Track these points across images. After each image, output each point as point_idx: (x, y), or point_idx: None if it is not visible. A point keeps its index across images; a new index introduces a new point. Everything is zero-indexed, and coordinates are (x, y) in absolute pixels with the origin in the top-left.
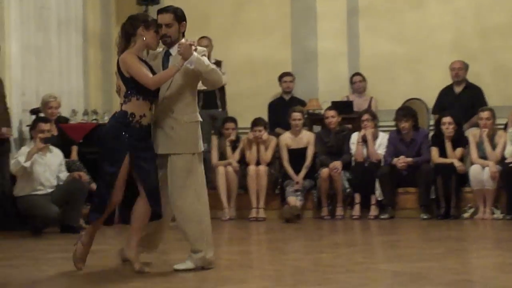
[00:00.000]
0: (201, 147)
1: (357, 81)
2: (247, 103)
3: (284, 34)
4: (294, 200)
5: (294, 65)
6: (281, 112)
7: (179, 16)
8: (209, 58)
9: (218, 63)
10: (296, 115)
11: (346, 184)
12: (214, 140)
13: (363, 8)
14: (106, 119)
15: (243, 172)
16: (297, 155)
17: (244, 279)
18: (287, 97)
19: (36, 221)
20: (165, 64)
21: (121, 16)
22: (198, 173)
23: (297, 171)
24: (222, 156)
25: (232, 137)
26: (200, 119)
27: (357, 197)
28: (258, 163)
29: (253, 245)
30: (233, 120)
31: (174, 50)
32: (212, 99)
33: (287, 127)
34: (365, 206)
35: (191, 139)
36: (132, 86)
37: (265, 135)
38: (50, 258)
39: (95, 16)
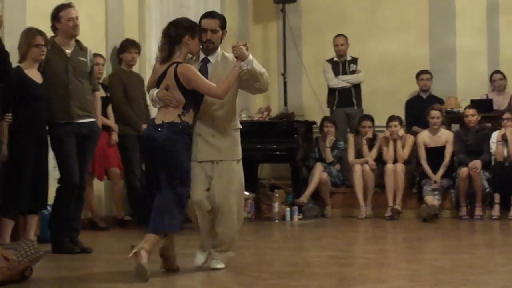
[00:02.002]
0: (241, 154)
1: (497, 79)
2: (383, 101)
3: (422, 31)
4: (432, 199)
5: (432, 62)
6: (418, 110)
7: (224, 23)
8: (345, 55)
9: (354, 61)
10: (435, 113)
11: (486, 184)
12: (351, 138)
13: (504, 4)
14: (243, 116)
15: (380, 170)
16: (435, 154)
17: (382, 278)
18: (424, 95)
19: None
20: (203, 72)
21: (258, 15)
22: (241, 179)
23: (434, 170)
24: (359, 154)
25: (369, 135)
26: (240, 126)
27: (497, 197)
28: (395, 161)
29: (390, 244)
30: (370, 118)
31: (213, 58)
32: (348, 97)
33: (424, 125)
34: (505, 206)
35: (234, 146)
36: (191, 98)
37: (401, 131)
38: (189, 254)
39: (232, 14)
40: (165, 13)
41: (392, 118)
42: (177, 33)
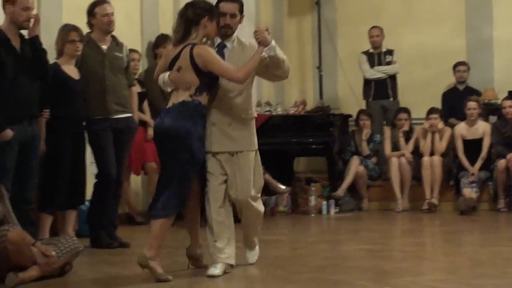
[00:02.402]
0: (257, 144)
1: None
2: (419, 93)
3: (458, 22)
4: (470, 191)
5: (468, 54)
6: (455, 102)
7: (242, 7)
8: (380, 47)
9: (389, 52)
10: (472, 104)
11: None
12: (387, 131)
13: None
14: (279, 110)
15: (417, 163)
16: (472, 146)
17: (420, 271)
18: (461, 87)
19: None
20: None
21: (293, 10)
22: (260, 171)
23: (472, 162)
24: (395, 147)
25: (405, 128)
26: (255, 115)
27: None
28: (431, 153)
29: (427, 237)
30: (406, 110)
31: (229, 43)
32: (383, 89)
33: (461, 117)
34: None
35: (251, 135)
36: (207, 82)
37: (440, 124)
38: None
39: (267, 9)
40: None
41: (432, 111)
42: (195, 13)
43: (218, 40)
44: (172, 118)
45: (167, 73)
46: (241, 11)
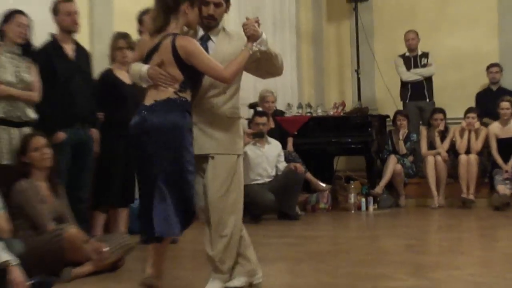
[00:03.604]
0: (242, 148)
1: None
2: (454, 94)
3: (491, 26)
4: (503, 188)
5: (501, 56)
6: (488, 102)
7: None
8: (416, 50)
9: (425, 55)
10: (505, 104)
11: None
12: (423, 130)
13: None
14: (319, 112)
15: (452, 161)
16: (506, 145)
17: (456, 265)
18: (494, 88)
19: (253, 208)
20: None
21: (332, 15)
22: (240, 177)
23: (506, 160)
24: (431, 146)
25: (441, 127)
26: (241, 115)
27: None
28: (467, 151)
29: (463, 232)
30: (442, 111)
31: (214, 35)
32: (420, 90)
33: (495, 117)
34: None
35: (234, 137)
36: (190, 76)
37: (477, 123)
38: (270, 243)
39: (307, 15)
40: (242, 14)
41: (470, 110)
42: (174, 0)
43: (201, 32)
44: (158, 115)
45: (145, 66)
46: (228, 0)
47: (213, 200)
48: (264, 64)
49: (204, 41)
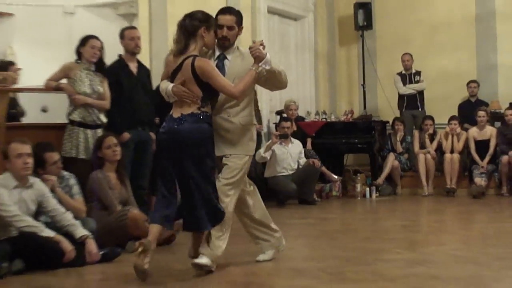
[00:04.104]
0: (253, 150)
1: None
2: (441, 104)
3: (470, 50)
4: (480, 180)
5: (478, 74)
6: (468, 111)
7: (241, 20)
8: (411, 69)
9: (418, 73)
10: (481, 113)
11: None
12: (416, 133)
13: None
14: (332, 117)
15: (439, 158)
16: (482, 145)
17: (442, 241)
18: (473, 100)
19: (279, 195)
20: (220, 69)
21: (343, 40)
22: (244, 175)
23: (482, 158)
24: (422, 146)
25: (430, 131)
26: (256, 122)
27: None
28: (451, 151)
29: (447, 215)
30: (431, 118)
31: (230, 54)
32: (414, 101)
33: (473, 123)
34: None
35: (247, 141)
36: (208, 92)
37: (458, 128)
38: (293, 223)
39: (322, 39)
40: (271, 39)
41: (453, 118)
42: (192, 25)
43: (218, 52)
44: (187, 124)
45: (170, 85)
46: (239, 23)
47: (219, 185)
48: (270, 80)
49: (221, 60)
